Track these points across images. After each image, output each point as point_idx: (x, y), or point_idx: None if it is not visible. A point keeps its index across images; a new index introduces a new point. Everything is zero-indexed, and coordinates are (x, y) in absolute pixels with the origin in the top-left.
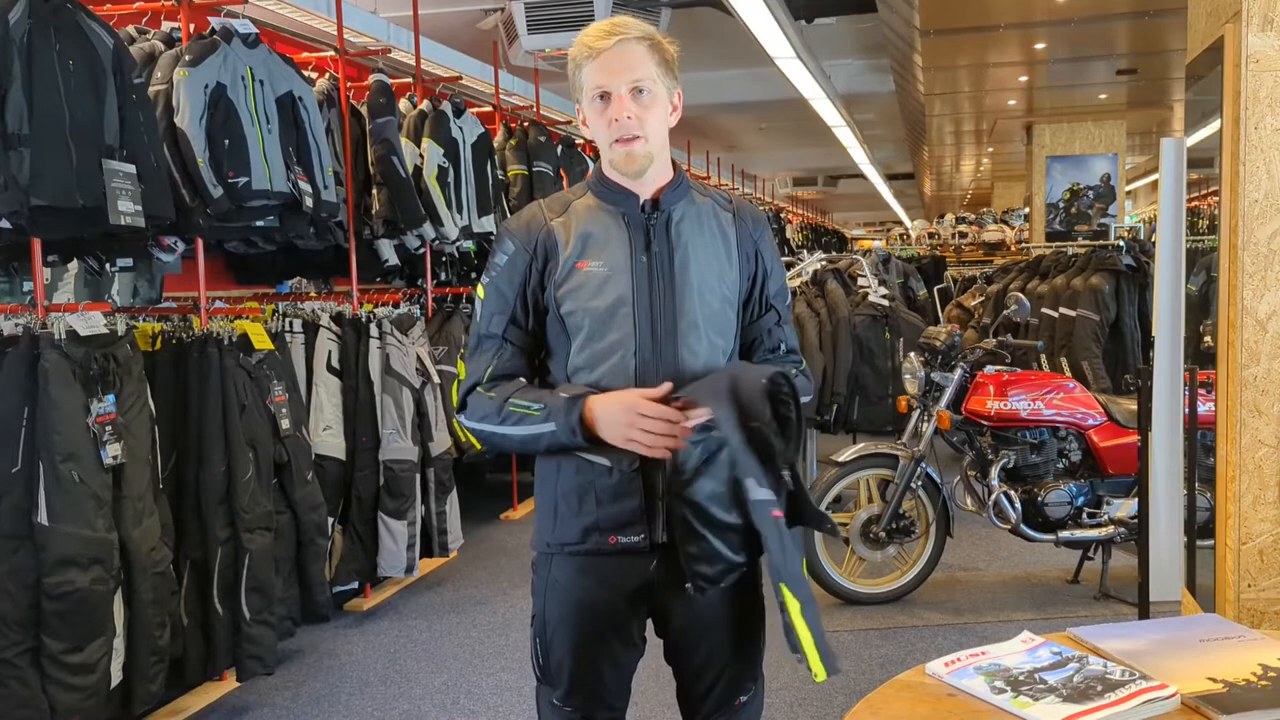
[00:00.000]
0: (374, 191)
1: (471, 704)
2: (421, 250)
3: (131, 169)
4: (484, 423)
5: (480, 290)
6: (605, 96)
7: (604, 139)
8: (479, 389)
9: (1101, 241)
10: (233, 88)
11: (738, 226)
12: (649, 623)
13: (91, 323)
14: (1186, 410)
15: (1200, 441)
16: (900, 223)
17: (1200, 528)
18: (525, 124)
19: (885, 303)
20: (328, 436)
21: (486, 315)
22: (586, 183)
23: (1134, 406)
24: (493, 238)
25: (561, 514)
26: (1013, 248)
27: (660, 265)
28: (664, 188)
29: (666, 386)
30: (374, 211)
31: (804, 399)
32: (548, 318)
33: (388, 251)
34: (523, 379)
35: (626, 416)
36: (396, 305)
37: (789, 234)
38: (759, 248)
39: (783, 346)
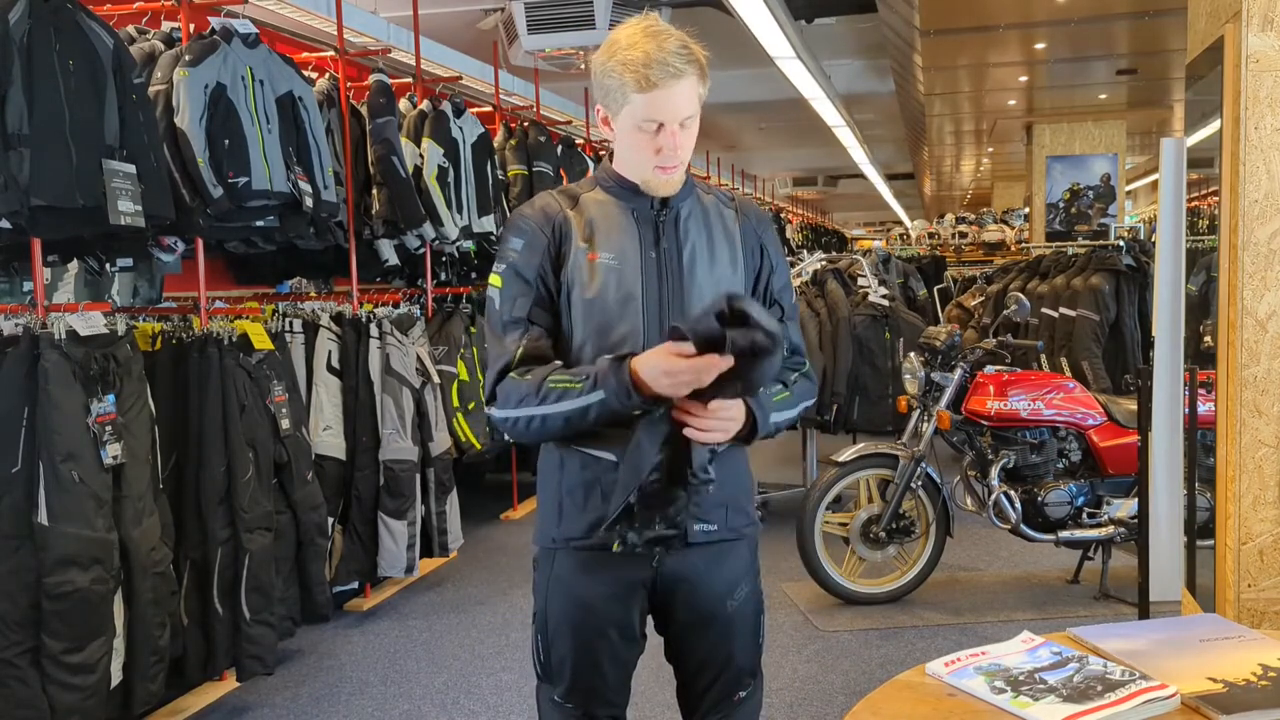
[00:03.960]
0: (374, 191)
1: (471, 704)
2: (421, 250)
3: (131, 169)
4: (522, 406)
5: (495, 279)
6: (658, 126)
7: (645, 161)
8: (511, 374)
9: (1101, 241)
10: (233, 88)
11: (741, 223)
12: (650, 619)
13: (91, 323)
14: (1186, 410)
15: (1200, 441)
16: (900, 223)
17: (1200, 528)
18: (525, 124)
19: (885, 303)
20: (328, 436)
21: (508, 300)
22: (594, 178)
23: (1134, 406)
24: (493, 237)
25: (566, 510)
26: (1013, 248)
27: (669, 261)
28: None
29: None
30: (374, 211)
31: (807, 403)
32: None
33: (388, 251)
34: (559, 361)
35: (667, 364)
36: (396, 305)
37: (789, 234)
38: (764, 243)
39: (786, 345)
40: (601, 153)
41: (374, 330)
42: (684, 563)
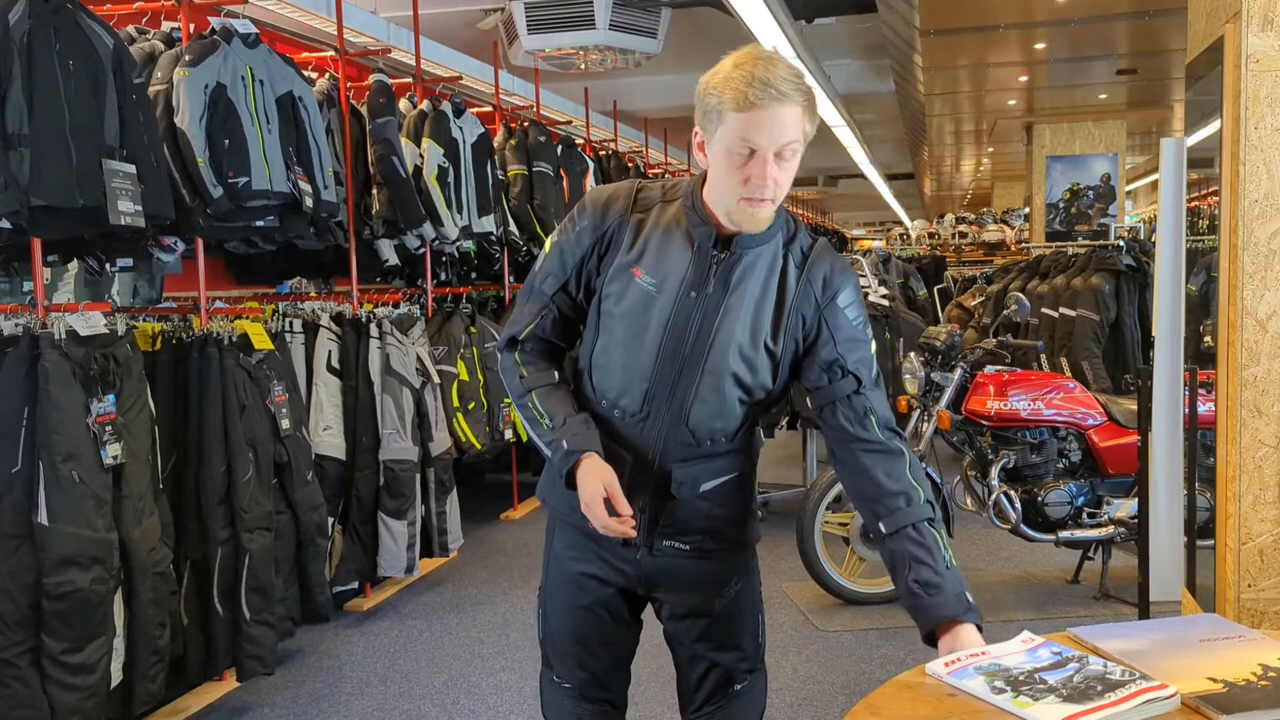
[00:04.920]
0: (374, 191)
1: (471, 704)
2: (421, 250)
3: (131, 169)
4: (509, 389)
5: (548, 244)
6: (750, 152)
7: (731, 191)
8: (516, 353)
9: (1101, 241)
10: (233, 88)
11: (801, 287)
12: (650, 607)
13: (91, 323)
14: (1186, 410)
15: (1200, 441)
16: (900, 223)
17: (1200, 528)
18: (525, 124)
19: (885, 303)
20: (328, 436)
21: (544, 272)
22: (686, 186)
23: (1134, 406)
24: (493, 237)
25: (558, 486)
26: (1013, 248)
27: (706, 307)
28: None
29: (628, 511)
30: (374, 211)
31: (925, 485)
32: (591, 300)
33: (388, 251)
34: (555, 372)
35: (586, 503)
36: (396, 305)
37: None
38: (823, 313)
39: (873, 419)
40: (602, 153)
41: (374, 330)
42: (663, 563)
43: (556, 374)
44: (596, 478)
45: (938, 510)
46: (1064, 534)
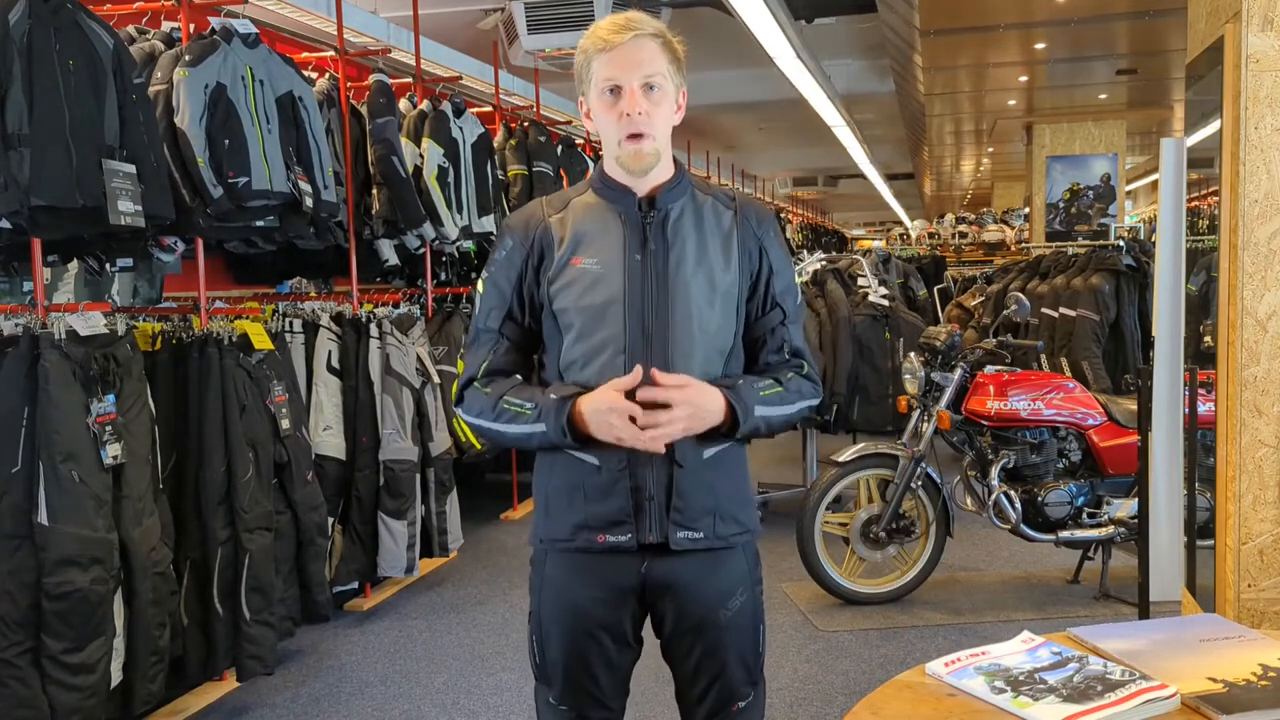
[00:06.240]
0: (374, 191)
1: (471, 704)
2: (421, 250)
3: (131, 169)
4: (480, 418)
5: (480, 285)
6: (615, 90)
7: (612, 134)
8: (475, 384)
9: (1101, 241)
10: (233, 88)
11: (740, 225)
12: (647, 622)
13: (91, 323)
14: (1186, 410)
15: (1200, 441)
16: (900, 223)
17: (1200, 528)
18: (525, 124)
19: (885, 303)
20: (328, 436)
21: (485, 310)
22: (589, 180)
23: (1134, 406)
24: (492, 237)
25: (553, 510)
26: (1013, 248)
27: (655, 264)
28: (662, 185)
29: (636, 372)
30: (374, 211)
31: (807, 403)
32: (543, 314)
33: (388, 251)
34: (519, 376)
35: (606, 417)
36: (396, 305)
37: (789, 234)
38: (764, 245)
39: (786, 347)
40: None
41: (374, 330)
42: (671, 570)
43: (520, 378)
44: (601, 396)
45: (790, 386)
46: (1064, 534)
